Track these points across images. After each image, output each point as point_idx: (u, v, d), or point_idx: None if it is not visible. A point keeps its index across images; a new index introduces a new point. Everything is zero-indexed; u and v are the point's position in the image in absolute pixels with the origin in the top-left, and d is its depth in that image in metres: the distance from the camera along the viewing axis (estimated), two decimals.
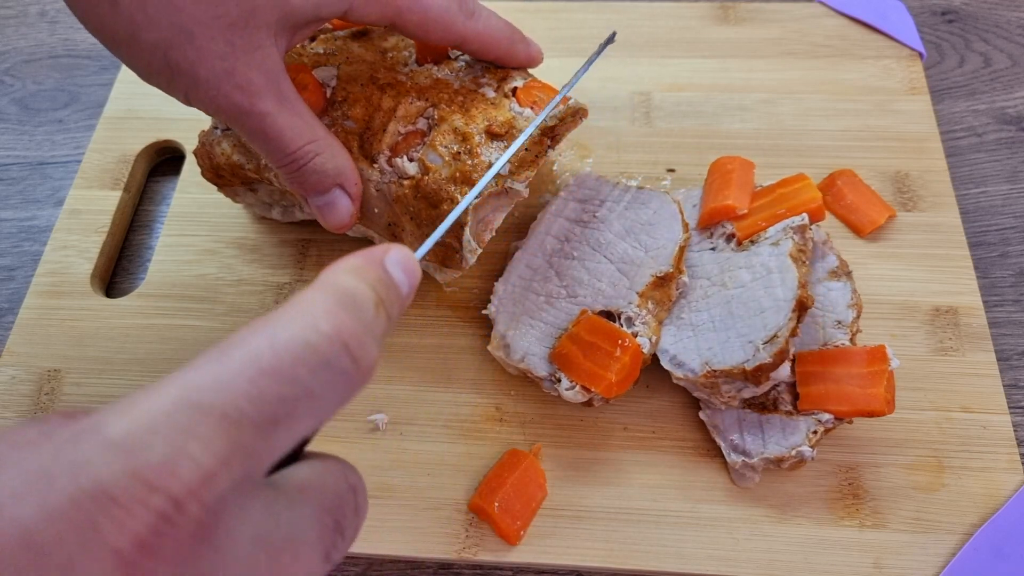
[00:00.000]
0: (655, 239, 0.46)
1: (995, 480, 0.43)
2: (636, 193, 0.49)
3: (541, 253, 0.48)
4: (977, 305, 0.49)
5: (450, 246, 0.43)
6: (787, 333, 0.40)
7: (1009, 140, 0.59)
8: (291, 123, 0.38)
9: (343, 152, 0.41)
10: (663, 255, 0.45)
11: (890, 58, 0.61)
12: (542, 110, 0.43)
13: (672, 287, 0.45)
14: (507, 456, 0.44)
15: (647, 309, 0.44)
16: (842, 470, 0.44)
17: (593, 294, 0.45)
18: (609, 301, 0.44)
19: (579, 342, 0.42)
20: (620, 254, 0.46)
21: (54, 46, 0.69)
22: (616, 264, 0.45)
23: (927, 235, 0.52)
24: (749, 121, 0.58)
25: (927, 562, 0.41)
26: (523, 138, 0.41)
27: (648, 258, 0.45)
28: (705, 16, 0.64)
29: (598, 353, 0.41)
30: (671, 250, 0.45)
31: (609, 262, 0.46)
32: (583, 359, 0.41)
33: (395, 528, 0.43)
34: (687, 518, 0.43)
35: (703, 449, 0.45)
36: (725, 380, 0.41)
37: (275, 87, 0.37)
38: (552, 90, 0.46)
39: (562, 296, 0.45)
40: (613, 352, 0.41)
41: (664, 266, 0.45)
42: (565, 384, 0.42)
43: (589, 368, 0.41)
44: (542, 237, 0.48)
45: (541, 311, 0.45)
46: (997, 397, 0.46)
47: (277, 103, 0.37)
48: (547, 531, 0.42)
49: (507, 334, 0.45)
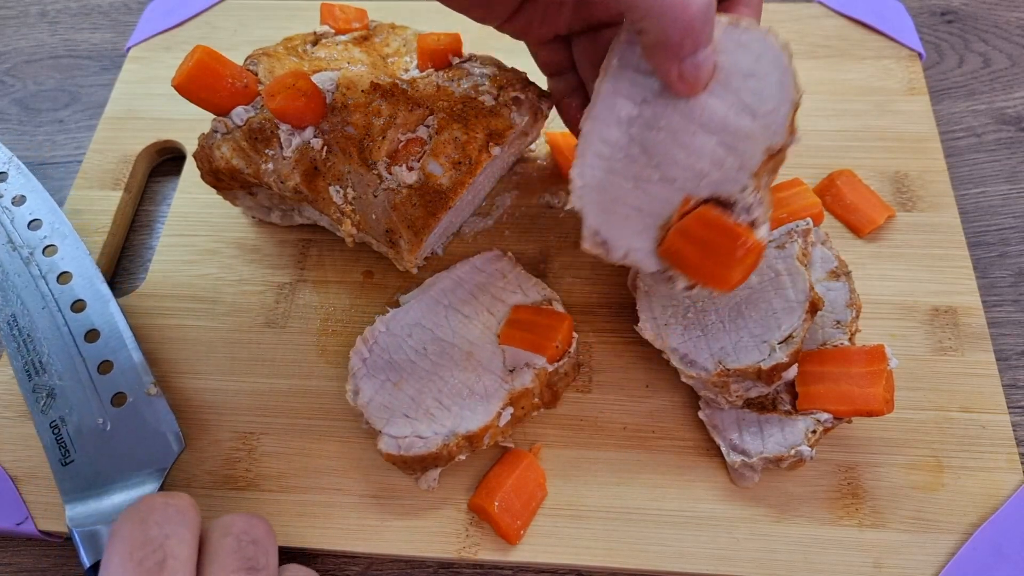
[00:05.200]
0: (763, 99, 0.35)
1: (994, 480, 0.43)
2: (727, 31, 0.35)
3: (616, 123, 0.37)
4: (976, 305, 0.49)
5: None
6: (801, 333, 0.41)
7: (1008, 140, 0.59)
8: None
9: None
10: (776, 121, 0.35)
11: (889, 58, 0.61)
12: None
13: (784, 156, 0.36)
14: (507, 456, 0.44)
15: (761, 191, 0.36)
16: (841, 470, 0.44)
17: (695, 177, 0.36)
18: (717, 186, 0.36)
19: (691, 238, 0.36)
20: (721, 122, 0.35)
21: (55, 46, 0.69)
22: (718, 135, 0.35)
23: (926, 235, 0.52)
24: None
25: (926, 562, 0.41)
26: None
27: (757, 127, 0.35)
28: None
29: (717, 251, 0.35)
30: (785, 112, 0.35)
31: (708, 134, 0.35)
32: (701, 257, 0.36)
33: (396, 528, 0.43)
34: (687, 517, 0.43)
35: (702, 449, 0.45)
36: (736, 379, 0.42)
37: None
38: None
39: (654, 180, 0.37)
40: (734, 252, 0.35)
41: (779, 137, 0.35)
42: (681, 283, 0.37)
43: (709, 267, 0.36)
44: (611, 99, 0.37)
45: (633, 197, 0.37)
46: (996, 397, 0.46)
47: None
48: (547, 530, 0.42)
49: (600, 229, 0.38)
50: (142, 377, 0.46)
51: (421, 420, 0.42)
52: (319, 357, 0.49)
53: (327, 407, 0.47)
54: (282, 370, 0.49)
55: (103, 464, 0.43)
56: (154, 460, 0.43)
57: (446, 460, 0.41)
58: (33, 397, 0.45)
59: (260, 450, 0.46)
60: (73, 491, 0.42)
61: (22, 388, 0.45)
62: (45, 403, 0.45)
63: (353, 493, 0.44)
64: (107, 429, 0.44)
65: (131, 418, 0.44)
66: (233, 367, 0.49)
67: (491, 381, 0.43)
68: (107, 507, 0.41)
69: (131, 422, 0.44)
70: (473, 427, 0.41)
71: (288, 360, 0.49)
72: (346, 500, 0.44)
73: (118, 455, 0.43)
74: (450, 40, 0.48)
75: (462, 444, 0.41)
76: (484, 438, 0.42)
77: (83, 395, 0.45)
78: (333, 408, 0.47)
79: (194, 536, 0.32)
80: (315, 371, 0.49)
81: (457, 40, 0.48)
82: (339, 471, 0.45)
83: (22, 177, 0.52)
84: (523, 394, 0.43)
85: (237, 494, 0.44)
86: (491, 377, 0.43)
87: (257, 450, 0.46)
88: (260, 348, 0.50)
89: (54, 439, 0.44)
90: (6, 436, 0.47)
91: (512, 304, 0.46)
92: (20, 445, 0.47)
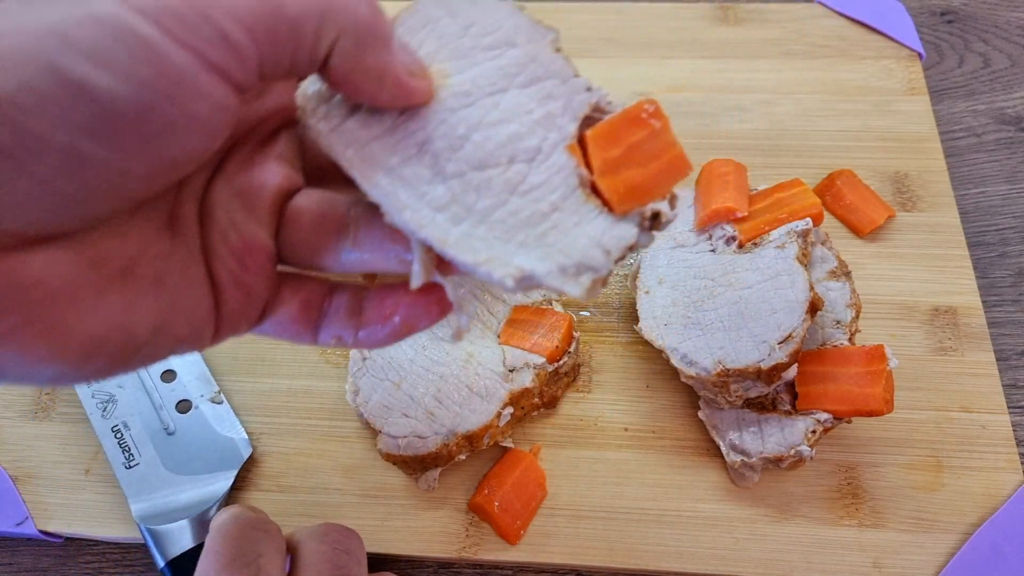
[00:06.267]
0: (511, 35, 0.27)
1: (994, 480, 0.43)
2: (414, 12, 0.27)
3: (419, 197, 0.26)
4: (976, 305, 0.49)
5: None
6: (802, 333, 0.41)
7: (1008, 140, 0.59)
8: None
9: None
10: (540, 33, 0.28)
11: (889, 58, 0.61)
12: None
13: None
14: (507, 456, 0.44)
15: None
16: (841, 470, 0.44)
17: (533, 148, 0.26)
18: (563, 125, 0.27)
19: (617, 164, 0.26)
20: (489, 81, 0.27)
21: None
22: (507, 93, 0.27)
23: (926, 235, 0.52)
24: (748, 121, 0.58)
25: (926, 562, 0.41)
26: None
27: (524, 54, 0.27)
28: (704, 17, 0.64)
29: (648, 150, 0.26)
30: (527, 24, 0.28)
31: (498, 105, 0.27)
32: (642, 170, 0.26)
33: (395, 527, 0.43)
34: (686, 518, 0.43)
35: (702, 449, 0.45)
36: (736, 379, 0.42)
37: None
38: None
39: (516, 191, 0.26)
40: (657, 133, 0.27)
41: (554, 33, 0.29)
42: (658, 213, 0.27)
43: (654, 166, 0.26)
44: (393, 181, 0.26)
45: (521, 213, 0.26)
46: (996, 397, 0.46)
47: None
48: (547, 530, 0.42)
49: (524, 266, 0.25)
50: (206, 385, 0.47)
51: (420, 420, 0.42)
52: (319, 357, 0.49)
53: (327, 407, 0.47)
54: (282, 370, 0.49)
55: (169, 467, 0.44)
56: (222, 463, 0.44)
57: (446, 460, 0.41)
58: (93, 402, 0.46)
59: (260, 450, 0.46)
60: (139, 493, 0.43)
61: (79, 393, 0.47)
62: (107, 409, 0.46)
63: (353, 493, 0.44)
64: (173, 434, 0.45)
65: (197, 424, 0.46)
66: (234, 367, 0.49)
67: (491, 381, 0.43)
68: (175, 507, 0.42)
69: (197, 427, 0.45)
70: (473, 427, 0.41)
71: (288, 360, 0.49)
72: (345, 500, 0.44)
73: (185, 459, 0.44)
74: None
75: (462, 444, 0.41)
76: (484, 438, 0.42)
77: (146, 401, 0.46)
78: (333, 408, 0.47)
79: (281, 555, 0.33)
80: (315, 371, 0.49)
81: None
82: (339, 471, 0.45)
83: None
84: (523, 394, 0.43)
85: (237, 493, 0.44)
86: (491, 377, 0.43)
87: (257, 450, 0.46)
88: (260, 348, 0.50)
89: (116, 443, 0.45)
90: (6, 436, 0.47)
91: (512, 304, 0.47)
92: (20, 445, 0.47)
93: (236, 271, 0.25)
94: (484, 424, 0.41)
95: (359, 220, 0.27)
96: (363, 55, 0.22)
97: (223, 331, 0.25)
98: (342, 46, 0.22)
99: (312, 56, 0.22)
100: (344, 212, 0.27)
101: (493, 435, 0.42)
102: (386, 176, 0.24)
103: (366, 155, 0.24)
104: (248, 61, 0.20)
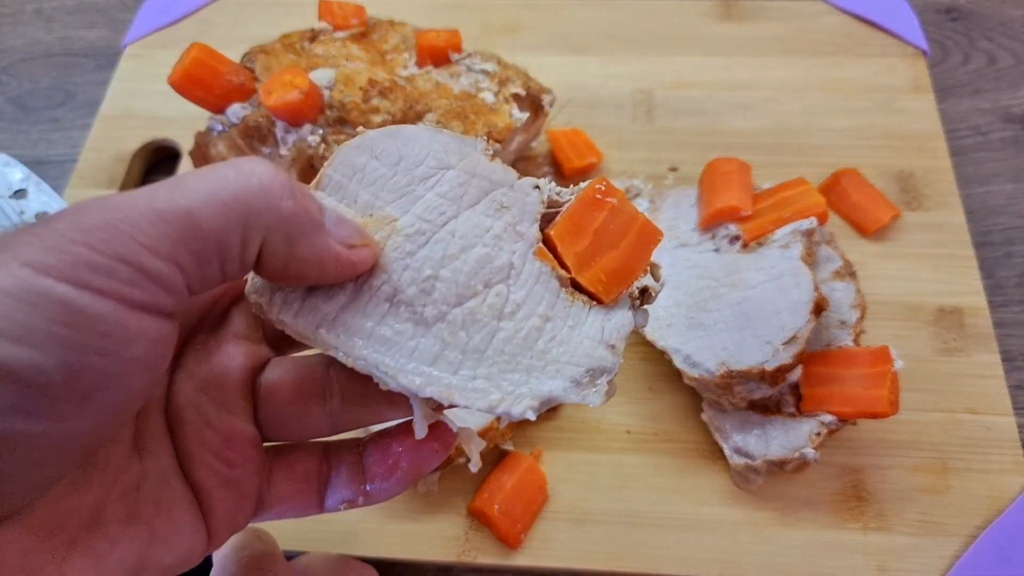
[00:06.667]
0: (445, 154, 0.26)
1: (1000, 482, 0.43)
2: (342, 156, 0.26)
3: (379, 339, 0.25)
4: (982, 305, 0.48)
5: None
6: (806, 334, 0.40)
7: (1014, 139, 0.59)
8: None
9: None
10: (466, 146, 0.27)
11: (894, 56, 0.60)
12: None
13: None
14: (507, 459, 0.43)
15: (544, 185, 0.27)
16: (846, 472, 0.43)
17: (504, 266, 0.26)
18: (522, 227, 0.27)
19: (591, 248, 0.26)
20: (433, 210, 0.25)
21: (50, 44, 0.69)
22: (451, 221, 0.26)
23: (932, 235, 0.51)
24: (752, 119, 0.57)
25: (931, 565, 0.40)
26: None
27: (462, 172, 0.26)
28: (708, 13, 0.64)
29: (612, 231, 0.26)
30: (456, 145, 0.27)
31: (454, 235, 0.26)
32: (615, 253, 0.26)
33: (394, 531, 0.42)
34: (690, 521, 0.42)
35: (705, 451, 0.44)
36: (740, 381, 0.41)
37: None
38: None
39: (495, 320, 0.26)
40: (615, 210, 0.27)
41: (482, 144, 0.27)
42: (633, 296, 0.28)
43: (622, 249, 0.26)
44: (350, 331, 0.26)
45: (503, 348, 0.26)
46: (1002, 398, 0.45)
47: None
48: (548, 534, 0.42)
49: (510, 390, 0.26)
50: None
51: None
52: None
53: None
54: None
55: None
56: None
57: (446, 463, 0.41)
58: None
59: None
60: None
61: None
62: None
63: None
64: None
65: None
66: None
67: None
68: None
69: None
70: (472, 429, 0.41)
71: None
72: None
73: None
74: (449, 36, 0.47)
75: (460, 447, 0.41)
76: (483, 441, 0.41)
77: None
78: None
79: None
80: None
81: (456, 36, 0.48)
82: None
83: (43, 195, 0.52)
84: None
85: None
86: None
87: None
88: None
89: None
90: None
91: None
92: None
93: (222, 470, 0.23)
94: (484, 427, 0.41)
95: (341, 377, 0.25)
96: (296, 247, 0.21)
97: (218, 537, 0.24)
98: (272, 245, 0.21)
99: (243, 262, 0.20)
100: (323, 373, 0.25)
101: (493, 438, 0.42)
102: (367, 344, 0.23)
103: (339, 329, 0.23)
104: (175, 287, 0.19)
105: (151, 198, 0.19)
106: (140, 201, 0.18)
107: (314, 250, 0.22)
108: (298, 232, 0.21)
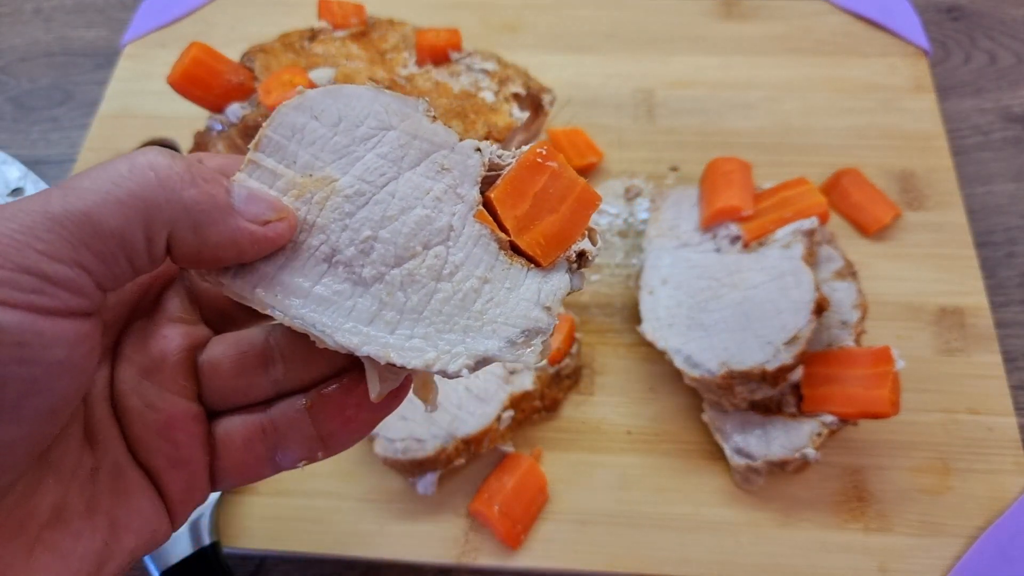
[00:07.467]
0: (386, 115, 0.26)
1: (1001, 483, 0.43)
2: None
3: (318, 299, 0.25)
4: (983, 305, 0.48)
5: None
6: (807, 334, 0.40)
7: (1015, 138, 0.58)
8: None
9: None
10: (411, 107, 0.26)
11: (895, 55, 0.60)
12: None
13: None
14: (508, 460, 0.43)
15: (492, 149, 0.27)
16: (847, 473, 0.43)
17: (442, 228, 0.26)
18: (461, 195, 0.26)
19: (530, 218, 0.26)
20: (368, 172, 0.25)
21: (49, 44, 0.69)
22: (382, 175, 0.26)
23: (933, 234, 0.51)
24: (753, 119, 0.57)
25: (932, 565, 0.40)
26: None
27: (402, 134, 0.26)
28: (709, 12, 0.63)
29: (552, 195, 0.26)
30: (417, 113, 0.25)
31: (377, 193, 0.25)
32: (555, 217, 0.26)
33: (394, 532, 0.42)
34: (690, 522, 0.42)
35: (706, 452, 0.44)
36: (741, 381, 0.41)
37: None
38: None
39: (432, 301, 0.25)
40: (557, 173, 0.26)
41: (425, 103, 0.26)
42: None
43: (562, 214, 0.26)
44: (285, 292, 0.25)
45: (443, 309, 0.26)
46: (1003, 399, 0.45)
47: None
48: (549, 535, 0.42)
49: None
50: None
51: (418, 422, 0.41)
52: None
53: None
54: None
55: None
56: None
57: (444, 464, 0.41)
58: None
59: None
60: None
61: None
62: None
63: (350, 497, 0.43)
64: None
65: None
66: None
67: (491, 383, 0.42)
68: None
69: None
70: (471, 430, 0.41)
71: None
72: (343, 504, 0.43)
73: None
74: (449, 35, 0.47)
75: (460, 448, 0.40)
76: (483, 442, 0.41)
77: None
78: None
79: None
80: None
81: (456, 35, 0.48)
82: (336, 475, 0.44)
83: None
84: (524, 397, 0.42)
85: (235, 498, 0.44)
86: (491, 379, 0.43)
87: None
88: None
89: None
90: None
91: None
92: None
93: (170, 451, 0.24)
94: (483, 427, 0.41)
95: (282, 343, 0.25)
96: (205, 234, 0.21)
97: (180, 515, 0.24)
98: (180, 235, 0.21)
99: (151, 256, 0.20)
100: (263, 341, 0.25)
101: (492, 439, 0.42)
102: (304, 304, 0.23)
103: (276, 288, 0.23)
104: (84, 289, 0.19)
105: (45, 203, 0.19)
106: (34, 208, 0.18)
107: (225, 234, 0.22)
108: (205, 219, 0.21)
